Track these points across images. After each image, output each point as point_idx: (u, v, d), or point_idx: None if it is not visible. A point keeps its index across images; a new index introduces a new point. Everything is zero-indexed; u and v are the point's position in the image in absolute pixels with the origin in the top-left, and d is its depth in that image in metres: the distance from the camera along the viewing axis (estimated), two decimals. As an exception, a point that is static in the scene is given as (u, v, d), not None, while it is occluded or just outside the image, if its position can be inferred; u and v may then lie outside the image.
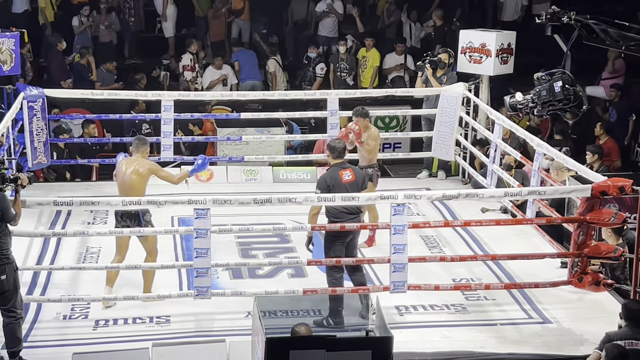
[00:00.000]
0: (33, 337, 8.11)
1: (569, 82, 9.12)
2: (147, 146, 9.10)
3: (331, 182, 8.53)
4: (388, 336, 6.19)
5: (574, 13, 9.48)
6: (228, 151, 13.28)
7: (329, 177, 8.57)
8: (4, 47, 11.31)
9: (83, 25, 15.58)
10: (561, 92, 8.92)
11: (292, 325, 6.40)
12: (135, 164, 8.83)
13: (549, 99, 8.99)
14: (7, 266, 7.39)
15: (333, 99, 12.50)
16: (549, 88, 8.97)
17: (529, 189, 9.28)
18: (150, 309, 8.63)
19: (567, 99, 8.97)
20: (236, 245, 10.25)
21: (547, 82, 9.03)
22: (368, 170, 10.11)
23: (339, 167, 8.63)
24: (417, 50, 15.67)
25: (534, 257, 9.13)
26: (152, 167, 8.89)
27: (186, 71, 14.99)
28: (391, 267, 8.38)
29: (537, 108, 9.19)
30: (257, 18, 16.49)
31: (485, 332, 8.43)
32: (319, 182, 8.65)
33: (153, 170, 8.84)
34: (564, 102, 8.95)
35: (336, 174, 8.58)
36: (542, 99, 9.04)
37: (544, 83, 9.06)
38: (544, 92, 9.00)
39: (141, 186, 8.76)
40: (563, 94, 8.94)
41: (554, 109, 9.07)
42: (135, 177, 8.75)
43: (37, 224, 10.71)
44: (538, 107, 9.14)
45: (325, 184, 8.52)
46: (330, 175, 8.58)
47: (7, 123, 10.78)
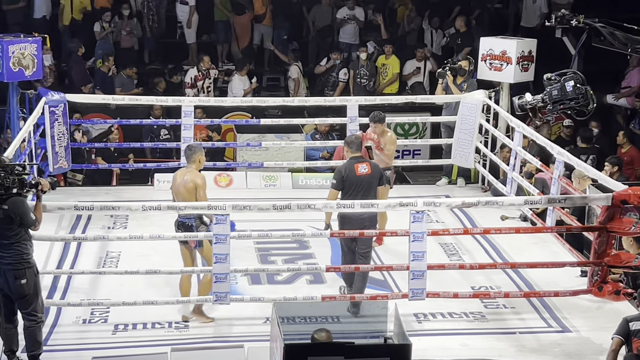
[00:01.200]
0: (53, 340, 8.15)
1: (580, 82, 9.26)
2: (198, 154, 8.67)
3: (346, 173, 8.79)
4: (406, 343, 6.18)
5: (583, 16, 9.59)
6: (247, 157, 13.31)
7: (344, 169, 8.86)
8: (26, 52, 11.38)
9: (105, 31, 15.66)
10: (573, 91, 9.09)
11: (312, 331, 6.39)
12: (185, 175, 8.62)
13: (560, 98, 9.13)
14: (28, 270, 7.43)
15: (353, 106, 12.51)
16: (561, 87, 9.12)
17: (549, 197, 9.26)
18: (169, 314, 8.65)
19: (578, 97, 9.08)
20: (255, 251, 10.26)
21: (558, 82, 9.15)
22: (385, 173, 10.20)
23: (355, 160, 8.88)
24: (438, 57, 15.66)
25: (554, 265, 9.09)
26: (197, 183, 8.52)
27: (187, 88, 14.86)
28: (410, 275, 8.37)
29: (547, 107, 9.26)
30: (279, 24, 16.54)
31: (504, 341, 8.40)
32: (336, 172, 8.98)
33: (199, 187, 8.52)
34: (575, 101, 9.07)
35: (352, 166, 8.82)
36: (553, 99, 9.19)
37: (555, 83, 9.19)
38: (555, 92, 9.16)
39: (190, 199, 8.52)
40: (575, 92, 9.08)
41: (564, 108, 9.19)
42: (184, 191, 8.57)
43: (57, 228, 10.76)
44: (549, 106, 9.23)
45: (340, 175, 8.81)
46: (346, 167, 8.87)
47: (29, 128, 10.85)
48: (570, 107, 9.25)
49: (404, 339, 6.31)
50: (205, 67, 14.94)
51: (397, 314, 6.69)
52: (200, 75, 14.94)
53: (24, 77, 11.52)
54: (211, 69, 15.07)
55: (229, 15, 16.31)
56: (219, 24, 16.41)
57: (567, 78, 9.19)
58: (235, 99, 14.13)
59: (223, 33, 16.45)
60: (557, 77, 9.33)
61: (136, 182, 13.13)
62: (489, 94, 12.63)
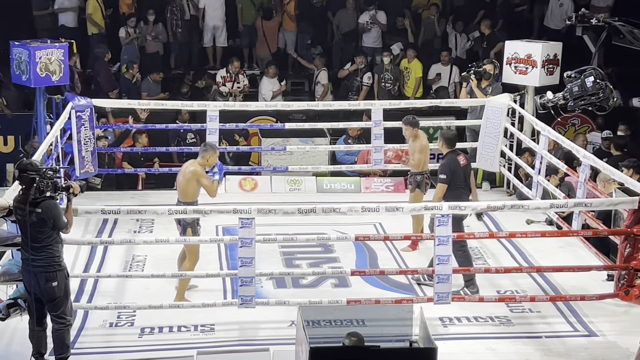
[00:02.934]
0: (80, 344, 8.21)
1: (600, 77, 9.30)
2: (210, 153, 9.12)
3: (453, 167, 9.34)
4: (432, 347, 6.18)
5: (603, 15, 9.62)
6: (272, 161, 13.35)
7: (450, 163, 9.38)
8: (53, 57, 11.48)
9: (130, 37, 15.75)
10: (593, 86, 9.16)
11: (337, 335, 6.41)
12: (189, 167, 9.10)
13: (580, 94, 9.19)
14: (59, 273, 7.49)
15: (377, 110, 12.51)
16: (581, 84, 9.21)
17: (575, 201, 9.23)
18: (195, 318, 8.69)
19: (598, 93, 9.12)
20: (280, 255, 10.29)
21: (578, 79, 9.20)
22: (417, 177, 10.31)
23: (454, 153, 9.46)
24: (463, 61, 15.63)
25: (580, 269, 9.06)
26: (197, 172, 9.01)
27: (221, 86, 15.03)
28: (435, 278, 8.37)
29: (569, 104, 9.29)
30: (303, 29, 16.57)
31: (530, 345, 8.37)
32: (444, 168, 9.41)
33: (197, 175, 8.98)
34: (595, 96, 9.12)
35: (455, 159, 9.40)
36: (574, 95, 9.27)
37: (575, 80, 9.23)
38: (575, 88, 9.24)
39: (187, 188, 9.00)
40: (595, 88, 9.13)
41: (585, 104, 9.24)
42: (181, 178, 9.08)
43: (84, 232, 10.85)
44: (570, 102, 9.26)
45: (449, 169, 9.34)
46: (451, 161, 9.40)
47: (56, 132, 10.94)
48: (591, 103, 9.31)
49: (430, 342, 6.31)
50: (234, 71, 15.00)
51: (423, 318, 6.69)
52: (228, 77, 15.00)
53: (51, 82, 11.63)
54: (240, 74, 15.12)
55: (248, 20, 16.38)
56: (244, 28, 16.46)
57: (587, 74, 9.28)
58: (259, 103, 14.18)
59: (248, 37, 16.50)
60: (577, 74, 9.40)
61: (162, 187, 13.19)
62: (514, 97, 12.59)
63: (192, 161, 9.19)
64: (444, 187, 9.35)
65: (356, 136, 13.60)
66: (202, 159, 9.11)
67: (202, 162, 9.11)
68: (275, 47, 16.44)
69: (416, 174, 10.50)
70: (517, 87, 12.91)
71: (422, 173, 10.50)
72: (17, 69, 11.57)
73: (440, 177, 9.34)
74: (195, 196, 9.06)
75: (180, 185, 9.11)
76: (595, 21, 9.59)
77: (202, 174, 9.02)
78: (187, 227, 8.96)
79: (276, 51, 16.46)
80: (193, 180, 9.00)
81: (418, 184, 10.46)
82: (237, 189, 12.78)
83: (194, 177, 8.99)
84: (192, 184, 9.01)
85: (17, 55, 11.51)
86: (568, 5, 16.08)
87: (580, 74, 9.42)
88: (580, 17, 9.66)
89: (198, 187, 9.07)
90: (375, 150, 12.48)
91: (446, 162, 9.45)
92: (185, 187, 9.02)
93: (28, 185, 7.35)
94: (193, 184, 9.01)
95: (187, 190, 9.02)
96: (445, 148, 9.51)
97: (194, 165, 9.09)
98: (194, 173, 8.99)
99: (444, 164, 9.47)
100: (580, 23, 9.72)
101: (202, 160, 9.11)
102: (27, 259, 7.45)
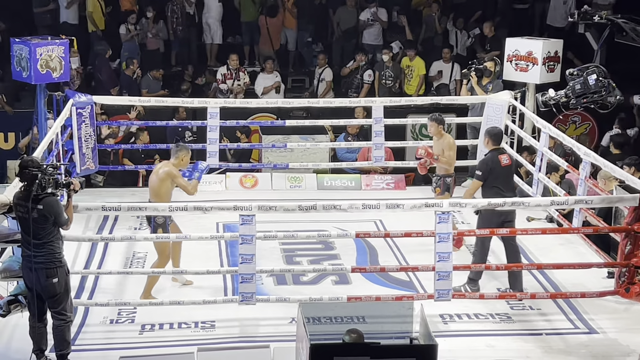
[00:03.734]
0: (80, 340, 8.21)
1: (603, 75, 9.27)
2: (183, 153, 9.14)
3: (492, 165, 9.19)
4: (432, 344, 6.17)
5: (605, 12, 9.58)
6: (273, 158, 13.36)
7: (490, 160, 9.25)
8: (53, 54, 11.48)
9: (130, 34, 15.75)
10: (596, 84, 9.10)
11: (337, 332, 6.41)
12: (162, 167, 9.07)
13: (583, 92, 9.16)
14: (59, 269, 7.49)
15: (378, 107, 12.52)
16: (584, 81, 9.16)
17: (576, 198, 9.22)
18: (195, 315, 8.70)
19: (601, 90, 9.09)
20: (280, 252, 10.29)
21: (580, 76, 9.17)
22: (446, 180, 10.36)
23: (498, 151, 9.31)
24: (463, 58, 15.62)
25: (581, 266, 9.05)
26: (171, 172, 8.98)
27: (221, 84, 15.03)
28: (435, 275, 8.37)
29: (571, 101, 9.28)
30: (303, 26, 16.56)
31: (530, 342, 8.37)
32: (481, 164, 9.29)
33: (171, 175, 8.97)
34: (598, 94, 9.09)
35: (496, 158, 9.24)
36: (576, 93, 9.24)
37: (577, 78, 9.21)
38: (577, 86, 9.20)
39: (160, 188, 8.96)
40: (597, 86, 9.09)
41: (588, 102, 9.20)
42: (154, 178, 9.02)
43: (84, 228, 10.86)
44: (572, 100, 9.24)
45: (487, 166, 9.21)
46: (491, 159, 9.26)
47: (57, 129, 10.94)
48: (594, 101, 9.28)
49: (430, 339, 6.31)
50: (233, 65, 14.99)
51: (423, 315, 6.69)
52: (229, 74, 15.00)
53: (52, 79, 11.63)
54: (241, 71, 15.11)
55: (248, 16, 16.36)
56: (245, 25, 16.45)
57: (589, 72, 9.24)
58: (260, 100, 14.16)
59: (249, 34, 16.49)
60: (580, 72, 9.37)
61: (162, 184, 13.18)
62: (515, 94, 12.58)
63: (166, 162, 9.17)
64: (477, 184, 9.31)
65: (355, 134, 13.60)
66: (176, 159, 9.10)
67: (175, 162, 9.10)
68: (278, 45, 16.44)
69: (445, 176, 10.46)
70: (514, 84, 12.88)
71: (450, 175, 10.50)
72: (18, 66, 11.58)
73: (477, 173, 9.29)
74: (167, 197, 8.99)
75: (152, 185, 9.05)
76: (597, 18, 9.54)
77: (177, 174, 8.99)
78: (158, 228, 8.94)
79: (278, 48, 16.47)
80: (167, 180, 8.96)
81: (448, 187, 10.44)
82: (238, 185, 12.79)
83: (169, 178, 8.96)
84: (166, 185, 8.97)
85: (18, 52, 11.51)
86: (571, 2, 16.06)
87: (582, 71, 9.39)
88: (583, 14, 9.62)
89: (172, 188, 9.04)
90: (376, 147, 12.49)
91: (486, 159, 9.36)
92: (158, 187, 8.97)
93: (29, 181, 7.35)
94: (167, 184, 8.97)
95: (160, 190, 8.97)
96: (490, 145, 9.37)
97: (167, 165, 9.05)
98: (168, 174, 8.96)
99: (484, 160, 9.43)
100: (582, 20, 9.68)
101: (175, 161, 9.10)
102: (28, 256, 7.45)
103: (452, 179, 10.57)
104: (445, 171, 10.48)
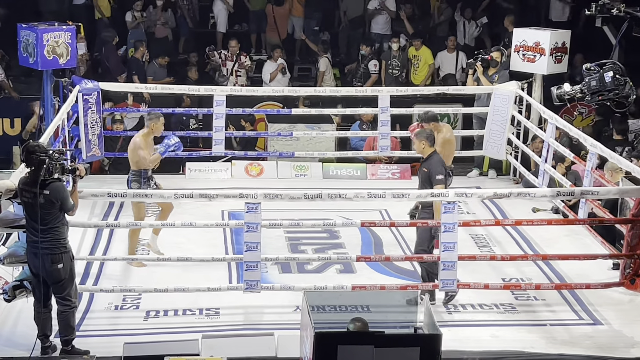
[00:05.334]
0: (85, 326, 8.23)
1: (620, 73, 9.11)
2: (153, 121, 9.60)
3: (444, 165, 8.96)
4: (437, 334, 6.18)
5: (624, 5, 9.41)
6: (278, 147, 13.36)
7: (441, 162, 8.95)
8: (60, 40, 11.47)
9: (136, 21, 15.74)
10: (612, 82, 8.91)
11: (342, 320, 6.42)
12: (136, 137, 9.64)
13: (598, 89, 8.97)
14: (64, 255, 7.50)
15: (384, 96, 12.50)
16: (600, 78, 8.94)
17: (582, 189, 9.19)
18: (200, 302, 8.71)
19: (617, 88, 8.95)
20: (285, 240, 10.29)
21: (597, 72, 9.01)
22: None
23: (436, 152, 9.02)
24: (470, 49, 15.58)
25: (586, 257, 9.04)
26: (136, 142, 9.53)
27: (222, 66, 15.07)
28: (440, 265, 8.37)
29: (586, 98, 9.16)
30: (310, 14, 16.53)
31: (534, 332, 8.37)
32: (439, 168, 8.87)
33: (136, 145, 9.50)
34: (614, 92, 8.94)
35: (442, 158, 9.01)
36: (591, 89, 9.01)
37: (594, 74, 9.05)
38: (593, 83, 8.98)
39: (132, 157, 9.56)
40: (614, 84, 8.92)
41: (603, 99, 9.05)
42: (129, 150, 9.61)
43: (90, 215, 10.87)
44: (587, 97, 9.12)
45: (443, 168, 8.90)
46: (440, 160, 8.95)
47: (63, 115, 10.95)
48: (609, 99, 9.11)
49: (434, 329, 6.31)
50: (232, 51, 14.97)
51: (428, 305, 6.69)
52: (229, 57, 14.99)
53: (58, 65, 11.62)
54: (242, 55, 15.09)
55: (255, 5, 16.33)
56: (253, 14, 16.43)
57: (606, 69, 9.01)
58: (267, 88, 14.15)
59: (256, 23, 16.47)
60: (597, 68, 9.16)
61: (168, 171, 13.20)
62: (522, 85, 12.55)
63: (139, 134, 9.67)
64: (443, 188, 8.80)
65: (370, 121, 13.55)
66: (148, 128, 9.61)
67: (147, 131, 9.61)
68: (285, 33, 16.41)
69: None
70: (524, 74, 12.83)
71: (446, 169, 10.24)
72: (25, 52, 11.57)
73: (438, 177, 8.74)
74: (142, 164, 9.49)
75: (129, 154, 9.63)
76: (615, 11, 9.36)
77: (141, 145, 9.48)
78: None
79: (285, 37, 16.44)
80: (136, 149, 9.49)
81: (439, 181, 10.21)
82: (244, 174, 12.79)
83: (136, 148, 9.49)
84: (136, 153, 9.49)
85: (25, 37, 11.50)
86: None
87: (600, 67, 9.20)
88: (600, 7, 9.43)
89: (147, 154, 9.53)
90: (382, 136, 12.48)
91: (438, 162, 8.88)
92: (131, 156, 9.56)
93: (37, 167, 7.35)
94: (137, 152, 9.48)
95: (134, 159, 9.54)
96: (428, 148, 8.94)
97: (138, 136, 9.60)
98: (134, 143, 9.52)
99: (437, 162, 8.87)
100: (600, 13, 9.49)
101: (147, 130, 9.61)
102: (33, 241, 7.46)
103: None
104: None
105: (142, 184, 9.47)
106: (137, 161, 9.52)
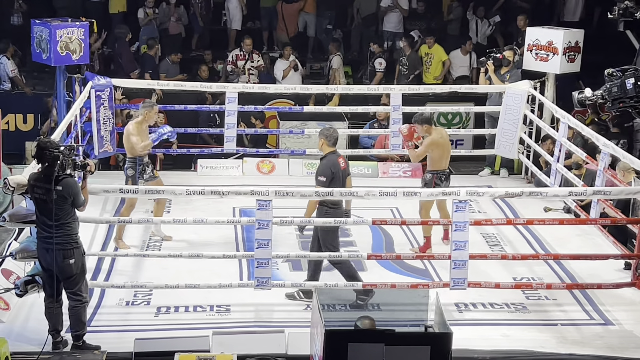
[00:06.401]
0: (96, 321, 8.25)
1: None
2: (146, 109, 9.96)
3: (334, 169, 8.63)
4: (447, 332, 6.16)
5: None
6: (290, 144, 13.36)
7: (331, 165, 8.65)
8: (73, 36, 11.51)
9: (148, 17, 15.77)
10: (633, 89, 8.75)
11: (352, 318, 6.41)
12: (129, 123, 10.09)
13: (619, 96, 8.82)
14: (76, 250, 7.53)
15: (396, 94, 12.48)
16: (621, 85, 8.80)
17: (594, 189, 9.16)
18: (211, 298, 8.73)
19: (638, 96, 8.80)
20: (296, 238, 10.29)
21: (619, 78, 8.86)
22: (426, 176, 9.97)
23: (335, 154, 8.74)
24: (483, 48, 15.55)
25: (597, 257, 9.02)
26: (129, 129, 9.90)
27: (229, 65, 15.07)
28: (451, 264, 8.36)
29: (607, 104, 9.03)
30: (323, 12, 16.52)
31: (545, 332, 8.35)
32: (324, 170, 8.64)
33: (129, 132, 9.87)
34: (635, 100, 8.79)
35: (336, 161, 8.69)
36: (612, 96, 8.85)
37: (615, 80, 8.90)
38: (614, 89, 8.83)
39: (126, 144, 9.93)
40: (635, 91, 8.77)
41: (624, 106, 8.91)
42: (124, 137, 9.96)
43: (102, 211, 10.90)
44: (608, 103, 8.98)
45: (330, 172, 8.61)
46: (332, 163, 8.66)
47: (75, 111, 10.97)
48: (630, 106, 8.94)
49: (445, 328, 6.30)
50: (247, 49, 14.97)
51: (438, 303, 6.67)
52: (241, 55, 14.99)
53: (71, 61, 11.66)
54: (254, 53, 15.10)
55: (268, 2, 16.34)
56: (264, 10, 16.43)
57: (628, 75, 8.84)
58: (278, 86, 14.14)
59: (267, 20, 16.47)
60: (619, 73, 9.00)
61: (179, 168, 13.24)
62: (534, 84, 12.51)
63: (134, 119, 10.14)
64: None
65: (385, 119, 13.51)
66: (142, 116, 9.98)
67: (140, 119, 9.97)
68: (293, 31, 16.40)
69: (428, 171, 9.96)
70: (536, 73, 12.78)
71: (433, 172, 9.91)
72: (38, 47, 11.61)
73: (320, 179, 8.61)
74: (137, 151, 9.82)
75: (124, 141, 10.00)
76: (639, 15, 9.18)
77: (133, 132, 9.81)
78: (128, 179, 9.92)
79: (297, 34, 16.42)
80: (128, 136, 9.85)
81: (426, 183, 9.95)
82: (255, 171, 12.80)
83: (128, 134, 9.86)
84: (128, 139, 9.84)
85: (38, 33, 11.54)
86: None
87: (622, 72, 9.05)
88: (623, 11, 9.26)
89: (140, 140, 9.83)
90: (394, 135, 12.46)
91: (327, 164, 8.66)
92: (125, 143, 9.94)
93: (50, 162, 7.38)
94: (129, 139, 9.83)
95: (127, 145, 9.91)
96: (326, 147, 8.73)
97: (131, 123, 9.98)
98: (127, 130, 9.91)
99: (325, 165, 8.67)
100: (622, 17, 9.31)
101: (140, 118, 9.98)
102: (44, 237, 7.48)
103: (433, 176, 9.90)
104: (430, 167, 10.01)
105: (137, 171, 9.85)
106: (131, 147, 9.85)
